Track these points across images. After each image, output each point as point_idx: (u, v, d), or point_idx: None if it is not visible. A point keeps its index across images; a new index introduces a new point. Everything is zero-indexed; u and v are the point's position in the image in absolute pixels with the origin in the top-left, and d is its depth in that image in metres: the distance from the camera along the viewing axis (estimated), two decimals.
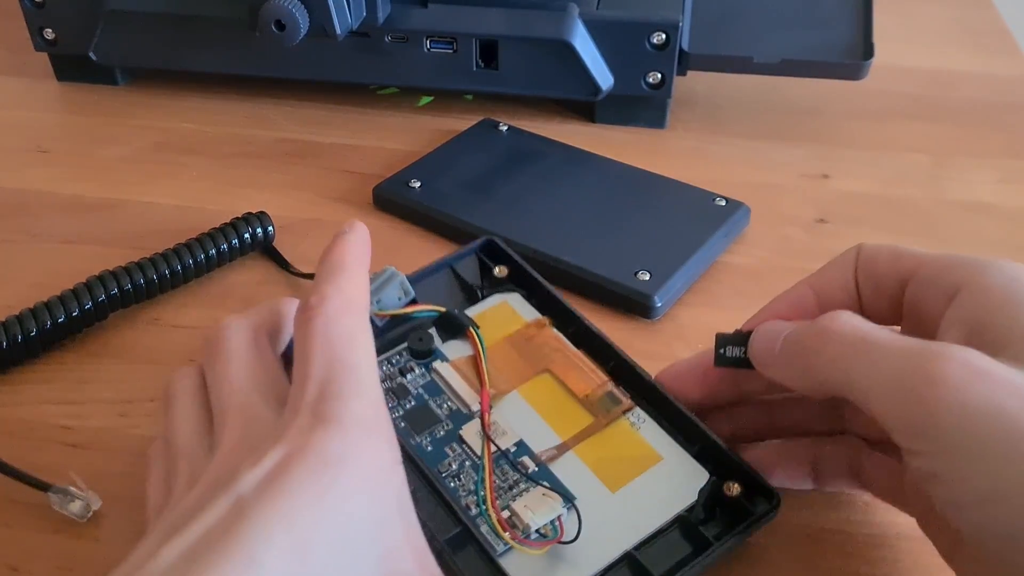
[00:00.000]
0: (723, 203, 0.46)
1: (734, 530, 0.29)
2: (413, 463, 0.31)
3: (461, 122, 0.53)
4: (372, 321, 0.33)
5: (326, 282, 0.28)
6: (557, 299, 0.36)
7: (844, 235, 0.47)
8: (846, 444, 0.31)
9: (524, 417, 0.33)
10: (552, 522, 0.29)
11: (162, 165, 0.52)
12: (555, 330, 0.36)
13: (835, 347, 0.26)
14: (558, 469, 0.31)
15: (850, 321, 0.27)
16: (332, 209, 0.48)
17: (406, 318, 0.35)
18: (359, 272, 0.29)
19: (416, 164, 0.49)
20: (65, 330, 0.39)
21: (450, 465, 0.31)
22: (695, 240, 0.43)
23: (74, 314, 0.39)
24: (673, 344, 0.40)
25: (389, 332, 0.36)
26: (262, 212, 0.44)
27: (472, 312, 0.37)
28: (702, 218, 0.45)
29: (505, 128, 0.52)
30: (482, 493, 0.30)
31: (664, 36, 0.50)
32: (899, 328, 0.29)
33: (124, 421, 0.37)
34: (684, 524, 0.30)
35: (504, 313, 0.36)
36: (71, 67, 0.58)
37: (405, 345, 0.35)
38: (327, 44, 0.51)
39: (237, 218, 0.44)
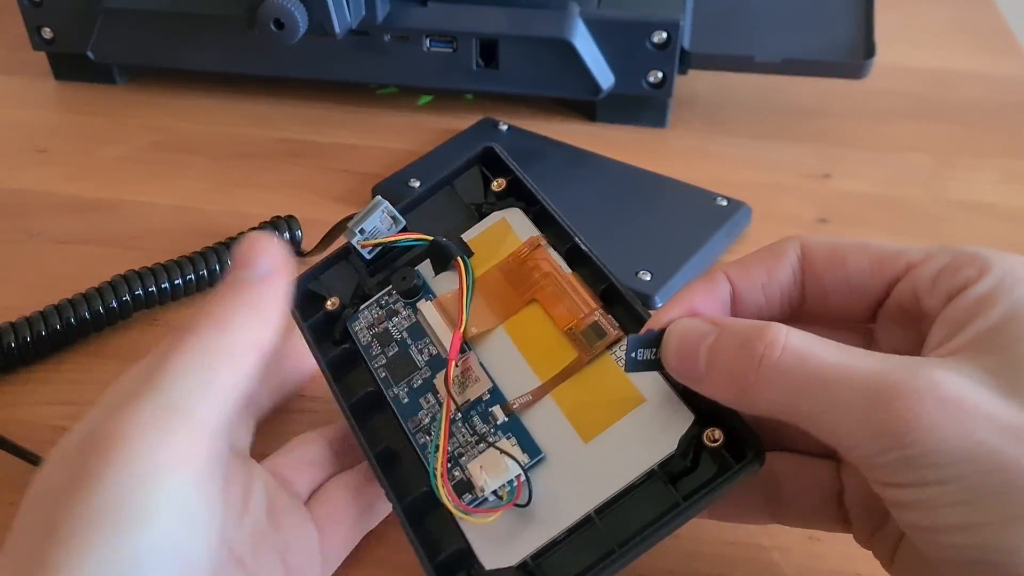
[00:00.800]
0: (724, 203, 0.46)
1: (706, 487, 0.25)
2: (395, 418, 0.30)
3: (461, 121, 0.53)
4: (360, 253, 0.32)
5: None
6: (552, 212, 0.32)
7: (846, 235, 0.46)
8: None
9: (505, 357, 0.29)
10: (510, 483, 0.27)
11: (161, 165, 0.51)
12: (550, 250, 0.31)
13: (778, 381, 0.23)
14: (531, 418, 0.28)
15: (792, 348, 0.23)
16: (331, 209, 0.48)
17: (395, 250, 0.32)
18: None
19: (416, 163, 0.49)
20: (86, 330, 0.39)
21: (422, 419, 0.29)
22: (696, 240, 0.43)
23: (100, 311, 0.39)
24: None
25: (390, 266, 0.33)
26: (291, 216, 0.44)
27: (470, 235, 0.33)
28: (703, 218, 0.45)
29: (505, 127, 0.52)
30: (434, 465, 0.27)
31: (665, 35, 0.50)
32: (859, 331, 0.28)
33: None
34: (659, 478, 0.26)
35: (502, 233, 0.32)
36: (69, 66, 0.57)
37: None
38: (326, 43, 0.51)
39: (265, 222, 0.43)
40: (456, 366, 0.30)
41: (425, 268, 0.32)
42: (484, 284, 0.31)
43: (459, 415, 0.29)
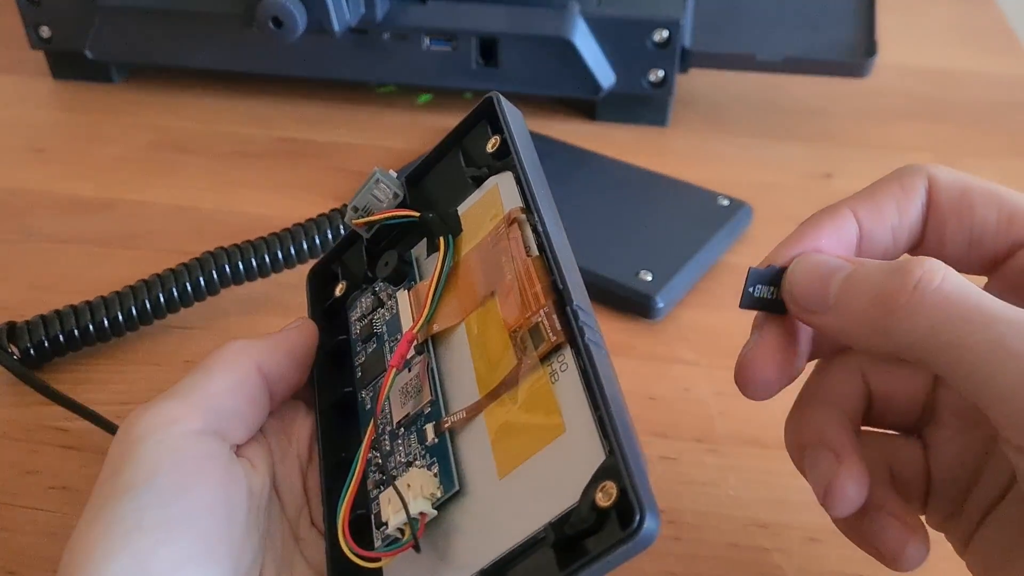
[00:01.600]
0: (725, 203, 0.46)
1: (577, 561, 0.20)
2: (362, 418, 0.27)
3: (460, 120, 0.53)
4: (357, 231, 0.29)
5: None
6: (522, 179, 0.26)
7: None
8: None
9: (457, 362, 0.25)
10: (414, 521, 0.23)
11: (159, 164, 0.51)
12: (524, 227, 0.25)
13: (938, 305, 0.20)
14: (462, 441, 0.24)
15: (954, 280, 0.21)
16: (331, 208, 0.47)
17: (397, 229, 0.29)
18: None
19: (415, 163, 0.49)
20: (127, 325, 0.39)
21: (383, 418, 0.26)
22: (697, 240, 0.43)
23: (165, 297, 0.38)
24: (675, 345, 0.40)
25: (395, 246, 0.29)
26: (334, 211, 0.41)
27: (465, 206, 0.28)
28: (704, 218, 0.45)
29: None
30: (341, 508, 0.24)
31: (666, 34, 0.50)
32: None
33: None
34: (547, 541, 0.21)
35: (491, 202, 0.27)
36: (67, 64, 0.57)
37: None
38: (325, 41, 0.51)
39: (322, 214, 0.41)
40: (408, 371, 0.26)
41: (423, 249, 0.29)
42: (461, 269, 0.26)
43: (401, 430, 0.26)
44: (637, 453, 0.20)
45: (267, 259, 0.39)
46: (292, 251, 0.40)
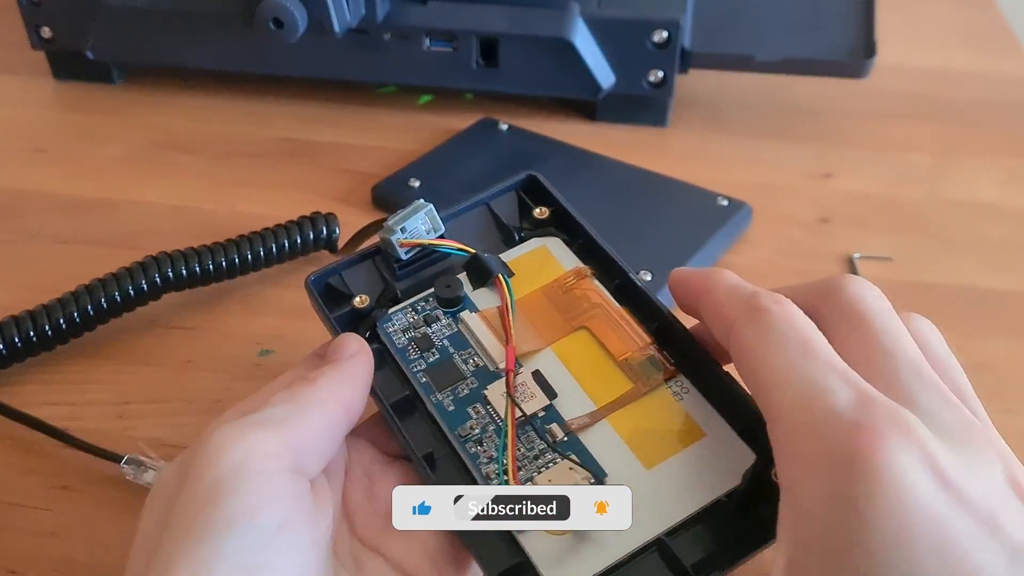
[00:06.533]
0: (725, 203, 0.46)
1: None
2: (433, 423, 0.29)
3: (461, 121, 0.53)
4: (396, 252, 0.31)
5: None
6: (602, 247, 0.32)
7: (846, 235, 0.46)
8: None
9: (556, 379, 0.30)
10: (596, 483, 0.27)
11: (159, 164, 0.51)
12: (596, 282, 0.32)
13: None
14: (589, 440, 0.28)
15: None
16: (331, 208, 0.47)
17: (433, 254, 0.32)
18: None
19: (416, 163, 0.49)
20: (82, 328, 0.39)
21: (472, 428, 0.29)
22: (697, 240, 0.43)
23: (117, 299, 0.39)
24: None
25: (418, 272, 0.33)
26: (331, 214, 0.44)
27: (507, 257, 0.33)
28: (704, 218, 0.45)
29: (505, 127, 0.52)
30: (504, 463, 0.27)
31: (666, 34, 0.50)
32: None
33: (121, 423, 0.36)
34: (724, 510, 0.27)
35: (542, 259, 0.33)
36: (68, 65, 0.57)
37: (432, 291, 0.32)
38: (326, 42, 0.51)
39: (305, 216, 0.43)
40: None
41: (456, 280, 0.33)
42: (527, 306, 0.31)
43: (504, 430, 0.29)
44: None
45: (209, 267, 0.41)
46: (249, 257, 0.42)
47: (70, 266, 0.43)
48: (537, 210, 0.34)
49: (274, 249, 0.42)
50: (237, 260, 0.41)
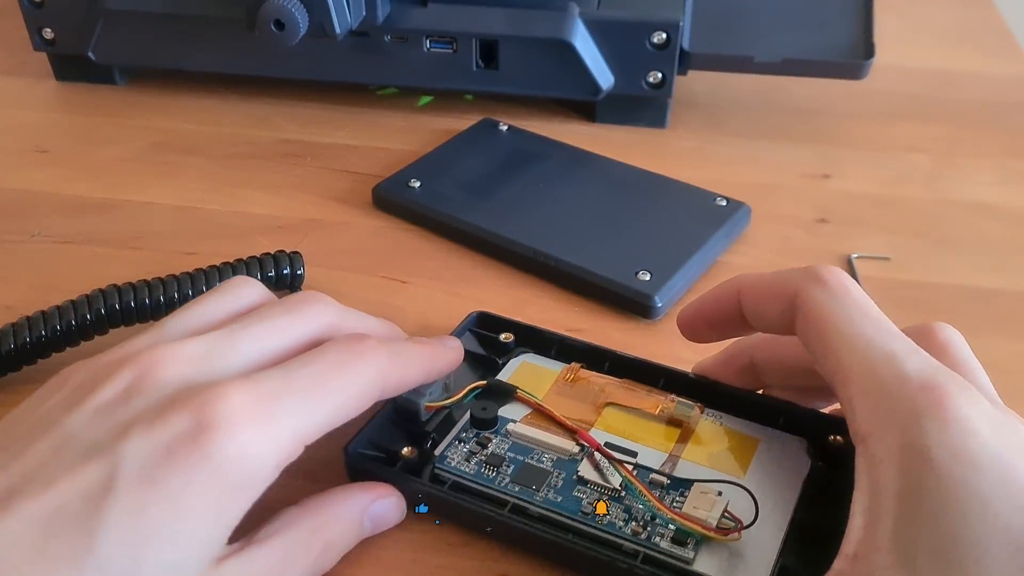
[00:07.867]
0: (724, 203, 0.46)
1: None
2: (546, 522, 0.30)
3: (461, 122, 0.53)
4: (420, 414, 0.33)
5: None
6: (575, 344, 0.36)
7: (845, 235, 0.46)
8: None
9: (620, 446, 0.32)
10: (725, 513, 0.29)
11: (161, 165, 0.51)
12: (591, 371, 0.35)
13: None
14: (685, 474, 0.31)
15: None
16: (332, 209, 0.48)
17: (453, 405, 0.35)
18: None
19: (416, 164, 0.49)
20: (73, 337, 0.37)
21: (591, 505, 0.30)
22: (696, 240, 0.43)
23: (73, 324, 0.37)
24: (674, 344, 0.40)
25: (434, 420, 0.34)
26: (295, 253, 0.41)
27: (503, 376, 0.36)
28: (703, 218, 0.45)
29: (505, 128, 0.52)
30: (650, 508, 0.30)
31: (665, 35, 0.50)
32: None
33: None
34: (816, 485, 0.31)
35: (530, 372, 0.36)
36: (70, 67, 0.58)
37: (466, 421, 0.34)
38: (326, 44, 0.51)
39: (267, 253, 0.41)
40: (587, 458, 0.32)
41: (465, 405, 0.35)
42: (550, 405, 0.34)
43: (622, 493, 0.31)
44: None
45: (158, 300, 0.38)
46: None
47: (72, 266, 0.43)
48: (503, 336, 0.37)
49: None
50: (192, 294, 0.38)
